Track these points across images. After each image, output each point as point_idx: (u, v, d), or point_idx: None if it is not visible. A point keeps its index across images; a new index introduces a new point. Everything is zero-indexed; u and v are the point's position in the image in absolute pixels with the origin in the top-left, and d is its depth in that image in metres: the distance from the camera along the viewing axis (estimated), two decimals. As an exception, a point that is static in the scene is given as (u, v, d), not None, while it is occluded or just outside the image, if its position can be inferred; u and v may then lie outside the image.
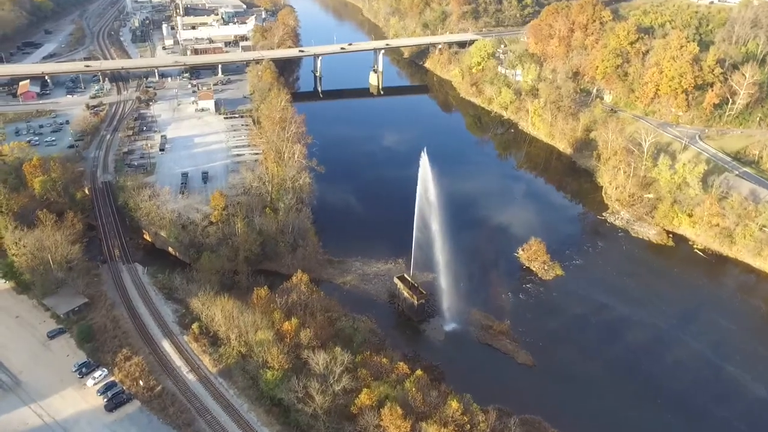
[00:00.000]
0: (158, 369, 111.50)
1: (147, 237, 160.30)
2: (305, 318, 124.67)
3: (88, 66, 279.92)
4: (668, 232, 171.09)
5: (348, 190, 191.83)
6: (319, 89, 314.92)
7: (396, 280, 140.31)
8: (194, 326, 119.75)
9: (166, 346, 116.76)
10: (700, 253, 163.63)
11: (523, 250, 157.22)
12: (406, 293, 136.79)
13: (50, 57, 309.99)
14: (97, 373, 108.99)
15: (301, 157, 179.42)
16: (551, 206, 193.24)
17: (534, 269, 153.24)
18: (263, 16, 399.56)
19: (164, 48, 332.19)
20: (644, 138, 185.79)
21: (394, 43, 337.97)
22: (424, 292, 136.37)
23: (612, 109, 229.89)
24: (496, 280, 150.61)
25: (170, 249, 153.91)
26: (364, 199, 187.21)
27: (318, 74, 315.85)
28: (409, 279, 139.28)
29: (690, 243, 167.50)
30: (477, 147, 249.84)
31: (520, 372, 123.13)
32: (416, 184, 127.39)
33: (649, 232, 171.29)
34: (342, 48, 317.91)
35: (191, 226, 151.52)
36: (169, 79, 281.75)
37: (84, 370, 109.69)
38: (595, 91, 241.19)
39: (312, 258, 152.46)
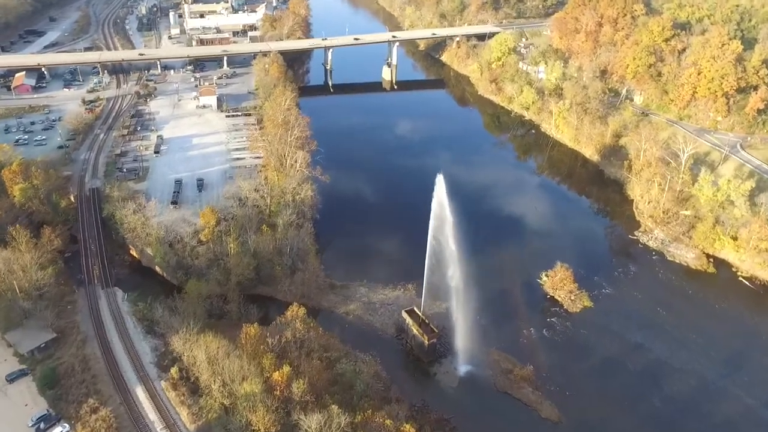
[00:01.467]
0: (128, 424, 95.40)
1: (133, 253, 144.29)
2: (300, 361, 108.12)
3: (88, 57, 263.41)
4: (708, 256, 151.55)
5: (354, 201, 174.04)
6: (330, 83, 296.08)
7: (404, 315, 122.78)
8: (173, 370, 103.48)
9: (140, 394, 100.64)
10: (746, 282, 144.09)
11: (547, 276, 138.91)
12: (415, 330, 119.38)
13: (52, 46, 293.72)
14: (56, 430, 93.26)
15: (303, 166, 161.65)
16: (576, 220, 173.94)
17: (559, 299, 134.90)
18: (274, 4, 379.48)
19: (170, 37, 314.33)
20: (682, 148, 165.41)
21: (403, 35, 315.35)
22: (435, 330, 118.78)
23: (643, 112, 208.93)
24: (517, 312, 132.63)
25: (157, 268, 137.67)
26: (372, 211, 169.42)
27: (329, 67, 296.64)
28: (420, 314, 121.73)
29: (733, 269, 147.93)
30: (495, 149, 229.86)
31: (544, 429, 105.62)
32: (430, 199, 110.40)
33: (686, 255, 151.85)
34: (355, 39, 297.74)
35: (179, 245, 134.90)
36: (172, 71, 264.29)
37: (42, 425, 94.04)
38: (624, 91, 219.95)
39: (312, 283, 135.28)
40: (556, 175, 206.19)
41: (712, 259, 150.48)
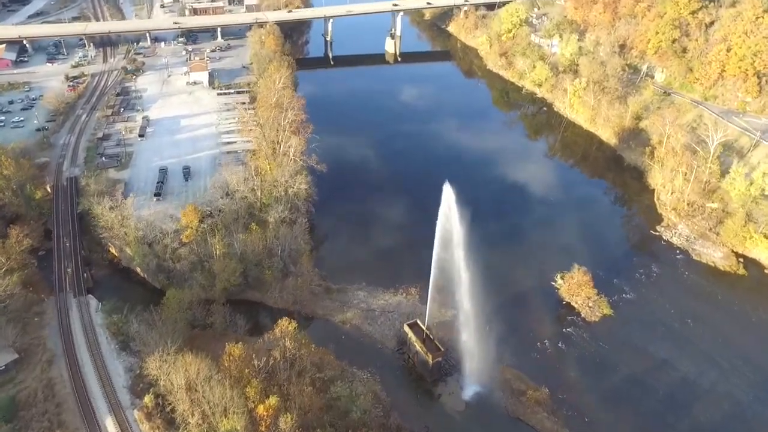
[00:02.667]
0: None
1: (113, 251, 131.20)
2: (290, 384, 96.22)
3: (73, 29, 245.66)
4: (738, 255, 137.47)
5: (353, 189, 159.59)
6: (330, 55, 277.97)
7: (407, 329, 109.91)
8: (147, 399, 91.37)
9: (110, 426, 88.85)
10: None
11: (563, 279, 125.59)
12: (418, 347, 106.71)
13: (37, 15, 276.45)
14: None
15: (298, 155, 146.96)
16: (592, 212, 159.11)
17: (576, 306, 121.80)
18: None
19: (162, 6, 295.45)
20: (711, 135, 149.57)
21: (405, 4, 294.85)
22: (441, 348, 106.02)
23: (664, 92, 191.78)
24: (530, 321, 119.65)
25: (138, 269, 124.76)
26: (372, 201, 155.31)
27: (329, 38, 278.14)
28: (423, 328, 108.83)
29: (767, 271, 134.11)
30: (504, 128, 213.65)
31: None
32: (435, 189, 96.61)
33: (714, 254, 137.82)
34: (349, 11, 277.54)
35: (159, 246, 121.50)
36: (163, 44, 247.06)
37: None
38: (644, 68, 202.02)
39: (305, 288, 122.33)
40: (570, 159, 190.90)
41: (742, 259, 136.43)
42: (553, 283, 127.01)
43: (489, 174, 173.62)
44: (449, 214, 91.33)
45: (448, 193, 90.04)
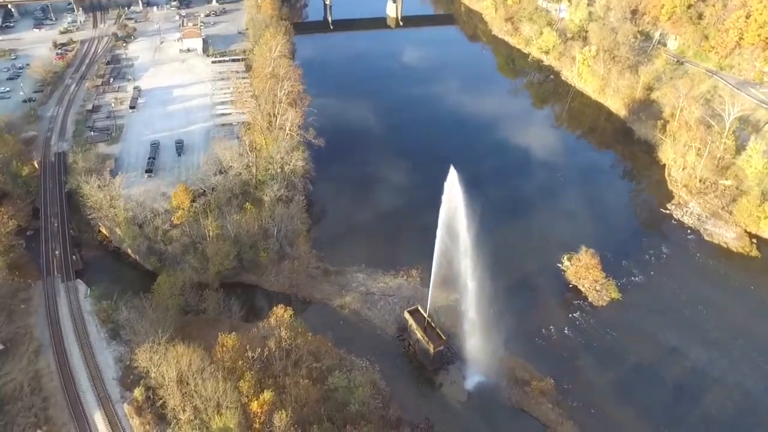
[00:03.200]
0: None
1: (103, 231, 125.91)
2: (285, 375, 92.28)
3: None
4: (751, 236, 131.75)
5: (352, 164, 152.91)
6: (329, 19, 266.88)
7: (407, 316, 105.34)
8: (137, 392, 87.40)
9: (99, 421, 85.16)
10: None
11: (569, 261, 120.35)
12: (419, 335, 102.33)
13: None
14: (-3, 472, 78.86)
15: (294, 128, 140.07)
16: (600, 187, 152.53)
17: (583, 290, 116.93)
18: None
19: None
20: (728, 109, 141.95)
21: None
22: (442, 337, 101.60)
23: (677, 60, 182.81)
24: (535, 305, 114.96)
25: (129, 250, 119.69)
26: (372, 178, 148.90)
27: (328, 2, 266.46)
28: (425, 315, 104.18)
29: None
30: (510, 96, 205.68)
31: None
32: (437, 164, 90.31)
33: (726, 234, 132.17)
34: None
35: (150, 227, 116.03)
36: (155, 8, 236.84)
37: (-20, 466, 79.54)
38: (657, 35, 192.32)
39: (302, 270, 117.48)
40: (577, 130, 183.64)
41: (755, 240, 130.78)
42: (559, 265, 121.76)
43: (492, 145, 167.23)
44: (454, 203, 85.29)
45: (452, 179, 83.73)
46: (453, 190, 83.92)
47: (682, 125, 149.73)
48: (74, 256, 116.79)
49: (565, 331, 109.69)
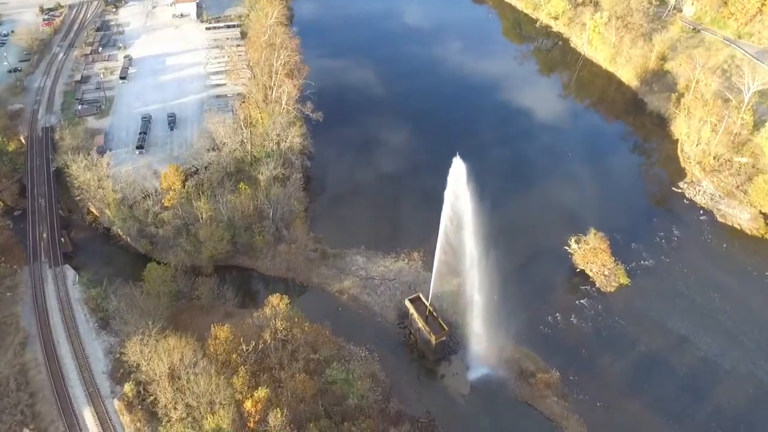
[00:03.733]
0: (72, 460, 77.60)
1: (93, 211, 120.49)
2: (281, 371, 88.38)
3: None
4: (767, 217, 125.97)
5: (352, 137, 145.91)
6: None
7: (408, 305, 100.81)
8: (127, 387, 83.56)
9: (88, 418, 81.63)
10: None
11: (577, 243, 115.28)
12: (420, 324, 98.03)
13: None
14: (-17, 473, 75.73)
15: (291, 102, 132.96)
16: (609, 164, 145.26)
17: (591, 275, 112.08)
18: None
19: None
20: (747, 82, 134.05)
21: None
22: (445, 327, 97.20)
23: (694, 28, 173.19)
24: (541, 292, 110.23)
25: (120, 231, 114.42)
26: (373, 151, 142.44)
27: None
28: (427, 303, 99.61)
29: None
30: (515, 63, 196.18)
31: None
32: (442, 138, 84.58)
33: (740, 215, 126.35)
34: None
35: (141, 209, 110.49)
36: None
37: (-36, 468, 76.37)
38: (672, 0, 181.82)
39: (300, 254, 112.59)
40: (586, 100, 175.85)
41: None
42: (566, 248, 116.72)
43: (496, 115, 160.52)
44: (458, 198, 79.40)
45: (457, 172, 77.55)
46: (458, 186, 77.65)
47: (697, 98, 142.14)
48: (63, 238, 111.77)
49: (572, 319, 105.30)
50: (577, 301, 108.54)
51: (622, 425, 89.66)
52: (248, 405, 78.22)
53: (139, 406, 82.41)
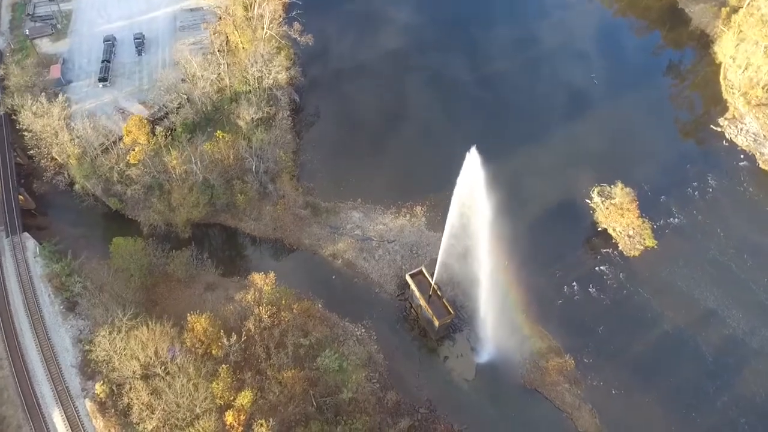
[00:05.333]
0: (42, 472, 70.67)
1: (57, 157, 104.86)
2: (267, 361, 79.23)
3: None
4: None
5: (347, 64, 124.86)
6: None
7: (409, 281, 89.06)
8: (99, 388, 74.82)
9: (58, 421, 73.78)
10: None
11: (600, 196, 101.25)
12: (422, 303, 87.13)
13: None
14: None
15: (275, 26, 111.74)
16: (638, 90, 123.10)
17: (614, 235, 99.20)
18: None
19: None
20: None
21: None
22: (450, 310, 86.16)
23: None
24: (557, 256, 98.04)
25: (82, 189, 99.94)
26: (372, 80, 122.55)
27: None
28: (430, 280, 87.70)
29: None
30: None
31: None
32: (450, 62, 69.89)
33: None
34: None
35: (104, 166, 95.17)
36: None
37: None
38: None
39: (288, 211, 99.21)
40: (614, 4, 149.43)
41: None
42: (587, 201, 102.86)
43: (506, 30, 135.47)
44: (473, 195, 64.34)
45: (472, 164, 61.84)
46: (474, 182, 62.38)
47: (752, 15, 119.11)
48: (22, 195, 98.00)
49: (590, 289, 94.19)
50: (596, 268, 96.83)
51: (636, 417, 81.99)
52: (229, 418, 69.57)
53: (113, 409, 74.15)
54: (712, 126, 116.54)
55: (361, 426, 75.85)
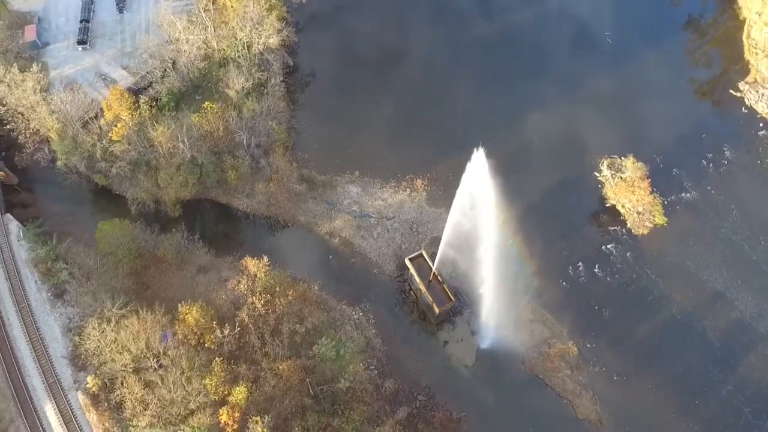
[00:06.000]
0: (38, 467, 69.89)
1: (39, 129, 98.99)
2: (262, 348, 77.12)
3: None
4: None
5: (347, 27, 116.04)
6: None
7: (409, 265, 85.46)
8: (91, 381, 72.85)
9: (51, 415, 72.35)
10: None
11: (609, 169, 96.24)
12: (422, 288, 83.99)
13: None
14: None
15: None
16: (654, 49, 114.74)
17: (623, 212, 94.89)
18: None
19: None
20: None
21: None
22: (451, 297, 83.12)
23: None
24: (563, 235, 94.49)
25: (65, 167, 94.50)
26: (373, 42, 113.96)
27: None
28: (431, 265, 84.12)
29: None
30: None
31: (579, 434, 79.19)
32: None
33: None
34: None
35: (86, 143, 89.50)
36: None
37: None
38: None
39: (282, 187, 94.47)
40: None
41: None
42: (596, 174, 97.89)
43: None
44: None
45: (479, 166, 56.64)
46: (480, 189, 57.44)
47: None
48: (3, 171, 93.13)
49: (596, 270, 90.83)
50: (603, 247, 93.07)
51: (637, 404, 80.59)
52: (224, 417, 67.98)
53: (106, 403, 72.54)
54: (731, 90, 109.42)
55: (359, 417, 74.71)
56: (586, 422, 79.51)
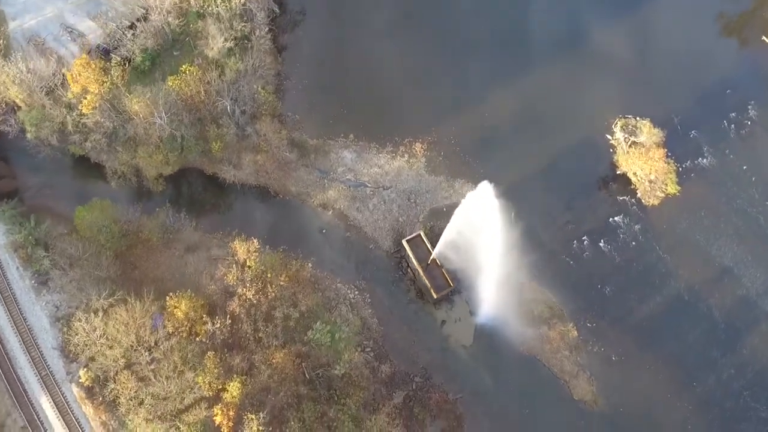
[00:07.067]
0: (37, 461, 70.59)
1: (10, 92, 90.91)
2: (254, 343, 75.58)
3: None
4: None
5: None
6: None
7: (406, 246, 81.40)
8: (83, 375, 71.87)
9: (47, 408, 72.02)
10: None
11: (623, 131, 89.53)
12: (421, 272, 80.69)
13: None
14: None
15: None
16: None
17: (634, 180, 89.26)
18: None
19: None
20: None
21: None
22: (450, 283, 79.90)
23: None
24: (569, 206, 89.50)
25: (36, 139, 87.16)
26: None
27: None
28: (429, 248, 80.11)
29: None
30: None
31: (571, 416, 78.77)
32: None
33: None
34: None
35: (55, 117, 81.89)
36: None
37: None
38: None
39: (271, 155, 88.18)
40: None
41: None
42: (608, 137, 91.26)
43: None
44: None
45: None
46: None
47: None
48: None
49: (601, 245, 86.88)
50: (611, 219, 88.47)
51: (634, 385, 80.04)
52: (218, 416, 67.50)
53: (100, 396, 72.06)
54: (764, 37, 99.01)
55: (355, 404, 74.67)
56: (581, 403, 79.41)
